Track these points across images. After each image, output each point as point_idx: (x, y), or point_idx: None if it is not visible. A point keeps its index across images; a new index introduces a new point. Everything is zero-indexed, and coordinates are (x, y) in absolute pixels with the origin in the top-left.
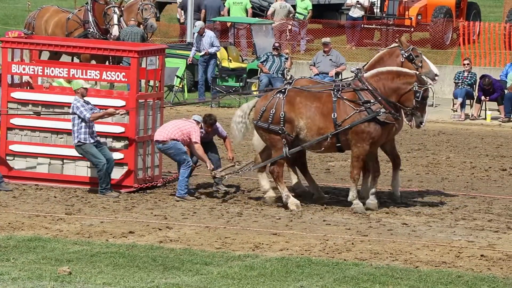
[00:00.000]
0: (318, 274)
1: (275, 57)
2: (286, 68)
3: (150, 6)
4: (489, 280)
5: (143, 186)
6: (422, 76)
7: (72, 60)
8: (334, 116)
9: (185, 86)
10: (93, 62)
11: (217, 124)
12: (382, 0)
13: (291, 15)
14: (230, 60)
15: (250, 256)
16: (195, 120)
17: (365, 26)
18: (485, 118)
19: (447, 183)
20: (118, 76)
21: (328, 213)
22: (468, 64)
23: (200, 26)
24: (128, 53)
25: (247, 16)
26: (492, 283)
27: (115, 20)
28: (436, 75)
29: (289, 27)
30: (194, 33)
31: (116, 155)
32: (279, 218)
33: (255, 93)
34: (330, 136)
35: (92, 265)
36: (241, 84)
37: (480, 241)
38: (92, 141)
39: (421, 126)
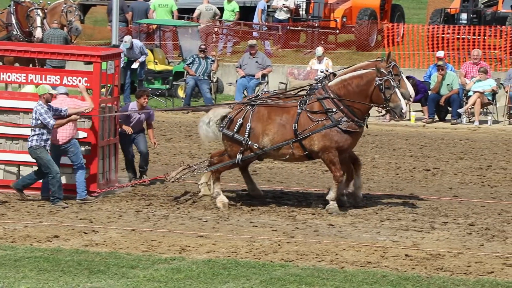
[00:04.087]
0: (244, 276)
1: (201, 59)
2: (213, 70)
3: (74, 8)
4: (413, 279)
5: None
6: (380, 69)
7: None
8: (295, 127)
9: None
10: (17, 65)
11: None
12: (307, 3)
13: (216, 17)
14: (156, 62)
15: (177, 259)
16: (62, 93)
17: (291, 28)
18: (409, 119)
19: (372, 183)
20: (80, 81)
21: (255, 215)
22: None
23: (130, 41)
24: (91, 57)
25: (172, 18)
26: (416, 282)
27: (38, 23)
28: (410, 96)
29: (215, 29)
30: (124, 48)
31: None
32: (206, 221)
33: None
34: (291, 143)
35: (16, 270)
36: (167, 86)
37: (404, 241)
38: (47, 147)
39: (404, 115)
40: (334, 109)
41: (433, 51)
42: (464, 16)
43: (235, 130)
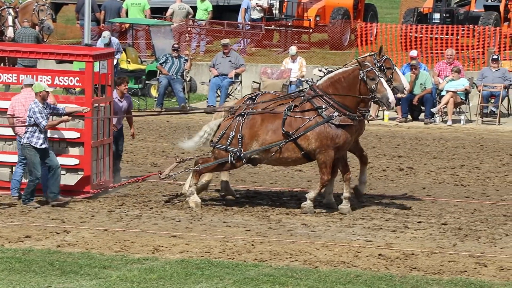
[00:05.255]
0: (218, 276)
1: (174, 58)
2: (186, 69)
3: (46, 7)
4: (387, 279)
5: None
6: (363, 62)
7: None
8: (283, 130)
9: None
10: None
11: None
12: (281, 2)
13: (190, 16)
14: (129, 61)
15: (150, 259)
16: (27, 84)
17: (264, 27)
18: (382, 119)
19: None
20: (71, 81)
21: (228, 214)
22: None
23: (109, 36)
24: (83, 57)
25: (145, 17)
26: (389, 282)
27: (10, 22)
28: (404, 88)
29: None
30: (101, 43)
31: (72, 161)
32: (179, 221)
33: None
34: (284, 143)
35: None
36: (140, 86)
37: (378, 240)
38: (42, 147)
39: (391, 104)
40: (324, 106)
41: (406, 51)
42: (437, 15)
43: (227, 143)
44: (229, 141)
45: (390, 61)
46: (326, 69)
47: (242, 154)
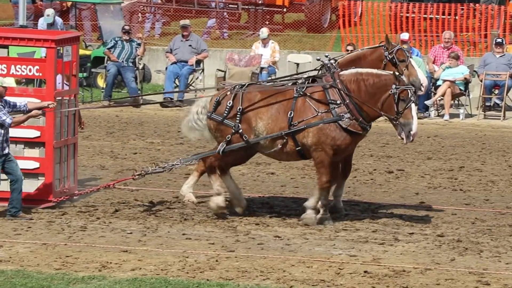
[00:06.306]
0: None
1: (124, 42)
2: (138, 55)
3: None
4: None
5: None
6: (402, 76)
7: None
8: (290, 115)
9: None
10: None
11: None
12: None
13: None
14: None
15: (96, 278)
16: None
17: (230, 6)
18: None
19: None
20: (30, 70)
21: (188, 225)
22: (352, 50)
23: (53, 15)
24: (44, 42)
25: None
26: None
27: None
28: (422, 84)
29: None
30: (44, 23)
31: (30, 164)
32: (131, 233)
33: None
34: (283, 134)
35: None
36: (84, 74)
37: (363, 255)
38: (1, 153)
39: (411, 137)
40: (338, 101)
41: (396, 33)
42: None
43: (224, 114)
44: (226, 112)
45: (404, 52)
46: (326, 56)
47: (247, 139)
